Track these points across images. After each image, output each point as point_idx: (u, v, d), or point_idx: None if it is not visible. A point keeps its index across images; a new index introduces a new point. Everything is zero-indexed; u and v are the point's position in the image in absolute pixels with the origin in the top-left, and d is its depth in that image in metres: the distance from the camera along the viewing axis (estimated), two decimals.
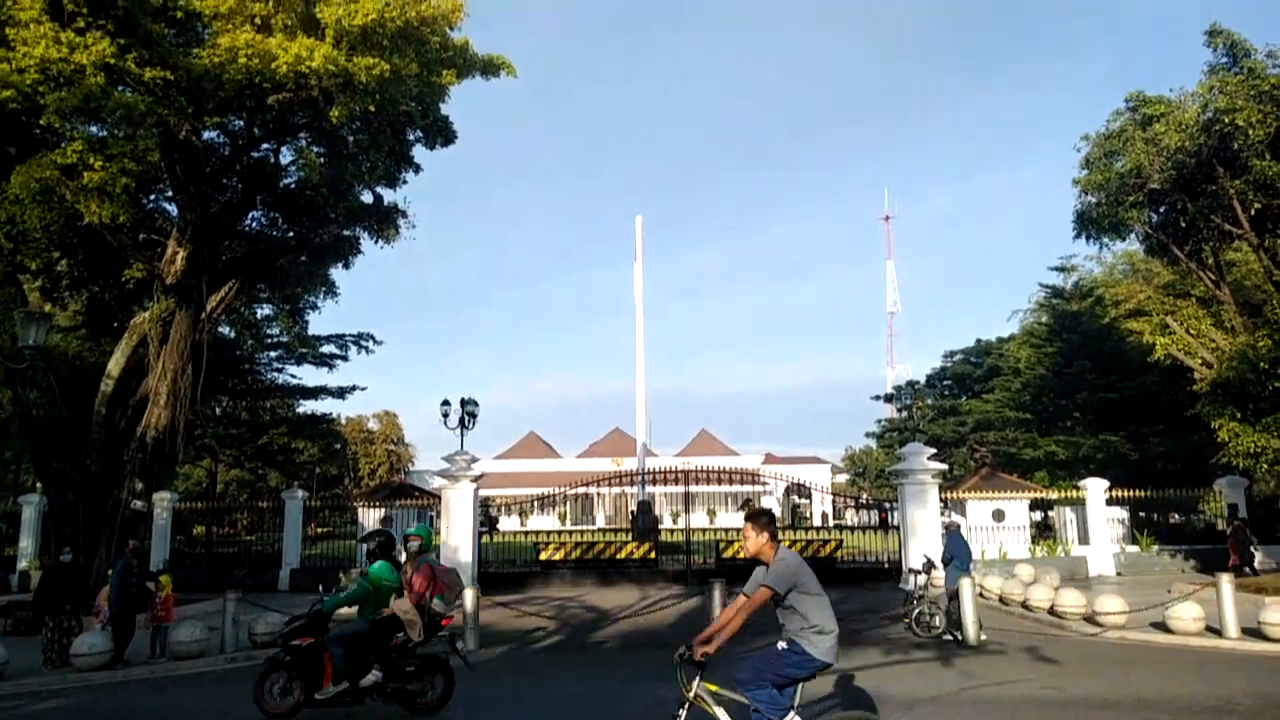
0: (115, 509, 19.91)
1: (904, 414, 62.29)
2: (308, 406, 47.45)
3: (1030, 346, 44.45)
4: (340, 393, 44.42)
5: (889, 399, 67.28)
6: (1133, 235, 24.43)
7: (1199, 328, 23.10)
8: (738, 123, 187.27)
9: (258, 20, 17.09)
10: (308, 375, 56.77)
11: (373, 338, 39.29)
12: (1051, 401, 41.48)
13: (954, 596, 13.99)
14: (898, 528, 24.08)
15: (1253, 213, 20.28)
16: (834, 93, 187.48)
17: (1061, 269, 46.86)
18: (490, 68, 20.55)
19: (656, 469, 30.93)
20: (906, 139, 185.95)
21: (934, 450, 25.00)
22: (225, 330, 31.28)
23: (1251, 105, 18.82)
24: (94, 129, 16.53)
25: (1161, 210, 23.00)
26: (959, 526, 16.10)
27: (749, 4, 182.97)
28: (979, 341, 57.24)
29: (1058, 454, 39.22)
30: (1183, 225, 22.16)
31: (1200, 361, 22.68)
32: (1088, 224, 23.53)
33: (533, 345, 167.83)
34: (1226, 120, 19.10)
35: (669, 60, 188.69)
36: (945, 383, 62.00)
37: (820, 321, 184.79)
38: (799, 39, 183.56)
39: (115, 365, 20.39)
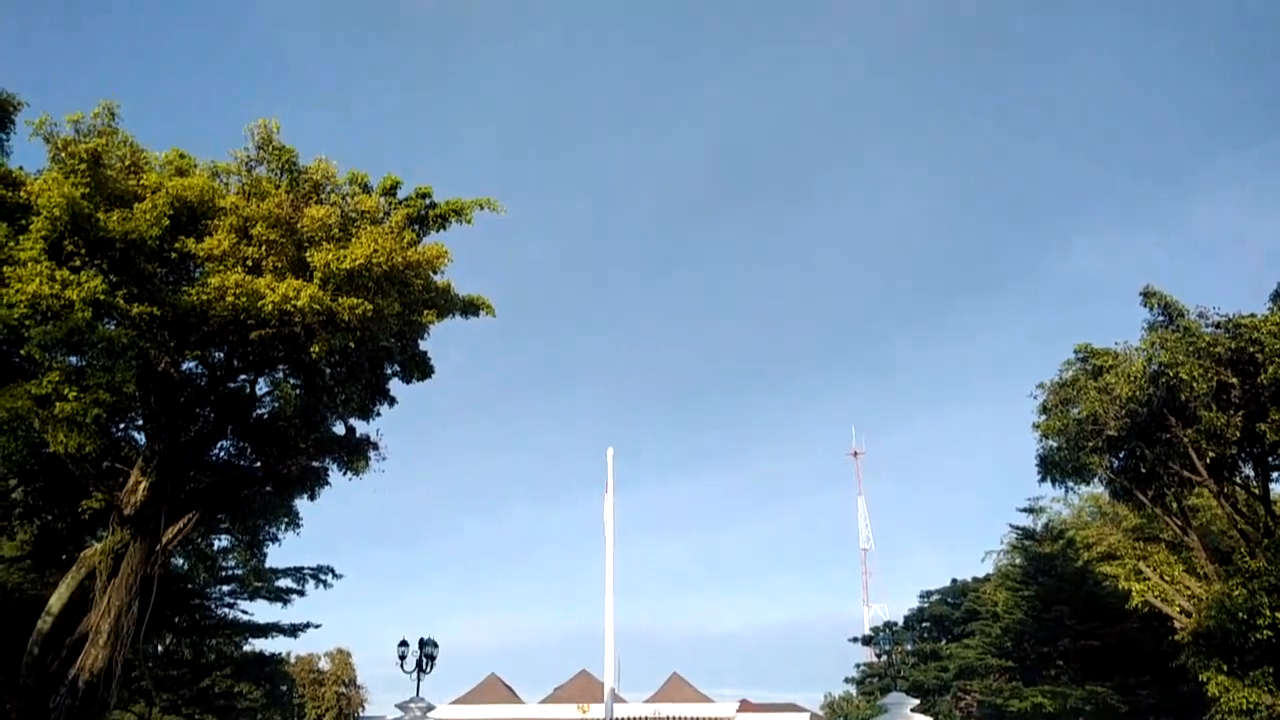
0: None
1: (883, 658, 59.87)
2: (256, 644, 44.75)
3: (1007, 589, 43.70)
4: (293, 630, 41.84)
5: (867, 640, 64.89)
6: (1096, 479, 24.82)
7: (1172, 574, 22.95)
8: (706, 362, 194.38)
9: (249, 262, 17.85)
10: (260, 611, 53.87)
11: (332, 570, 37.72)
12: (1033, 648, 40.19)
13: None
14: None
15: (1208, 460, 20.80)
16: (799, 338, 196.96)
17: (1031, 510, 46.87)
18: (470, 307, 21.42)
19: (626, 718, 28.98)
20: (868, 382, 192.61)
21: (917, 700, 23.86)
22: (178, 562, 30.07)
23: (1192, 360, 19.86)
24: (73, 359, 16.68)
25: (1121, 456, 23.55)
26: None
27: (713, 254, 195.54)
28: (955, 581, 56.48)
29: (1045, 706, 37.36)
30: (1143, 471, 22.62)
31: (1179, 610, 22.32)
32: (1051, 467, 23.98)
33: (497, 579, 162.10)
34: (1171, 373, 20.06)
35: (636, 297, 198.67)
36: (924, 624, 60.33)
37: (794, 557, 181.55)
38: (759, 289, 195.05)
39: (57, 601, 19.32)
